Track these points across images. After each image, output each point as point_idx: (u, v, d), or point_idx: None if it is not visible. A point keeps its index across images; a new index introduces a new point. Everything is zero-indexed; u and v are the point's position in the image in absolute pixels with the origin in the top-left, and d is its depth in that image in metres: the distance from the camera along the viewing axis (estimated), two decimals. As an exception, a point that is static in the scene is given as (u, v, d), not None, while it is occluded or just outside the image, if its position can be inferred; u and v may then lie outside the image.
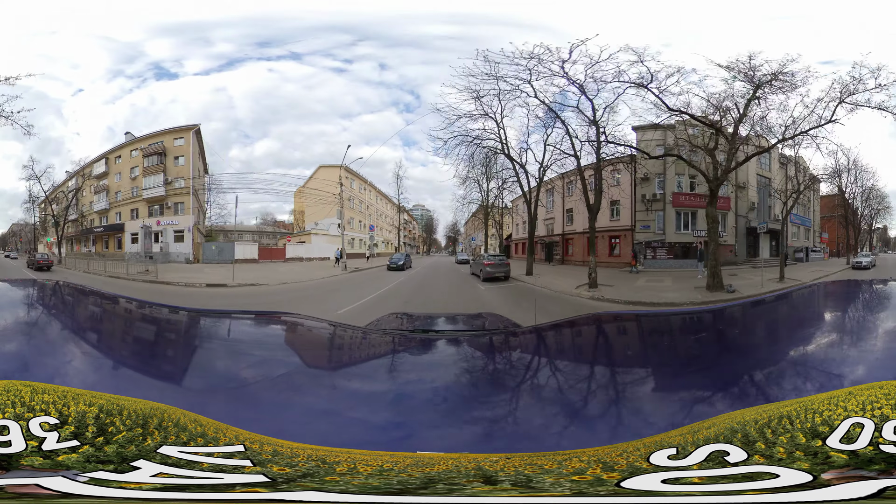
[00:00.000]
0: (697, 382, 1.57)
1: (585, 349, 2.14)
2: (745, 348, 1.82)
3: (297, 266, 24.68)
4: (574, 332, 2.37)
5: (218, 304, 12.75)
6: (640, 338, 2.23)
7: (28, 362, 1.46)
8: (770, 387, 1.43)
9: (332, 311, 10.72)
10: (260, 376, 1.72)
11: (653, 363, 1.80)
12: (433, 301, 14.97)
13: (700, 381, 1.57)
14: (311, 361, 2.02)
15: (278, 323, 2.47)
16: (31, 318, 2.01)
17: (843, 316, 2.24)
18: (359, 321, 2.76)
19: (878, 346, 1.62)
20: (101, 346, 1.78)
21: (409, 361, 2.01)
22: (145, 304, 2.32)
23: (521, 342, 2.32)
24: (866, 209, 24.15)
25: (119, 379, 1.50)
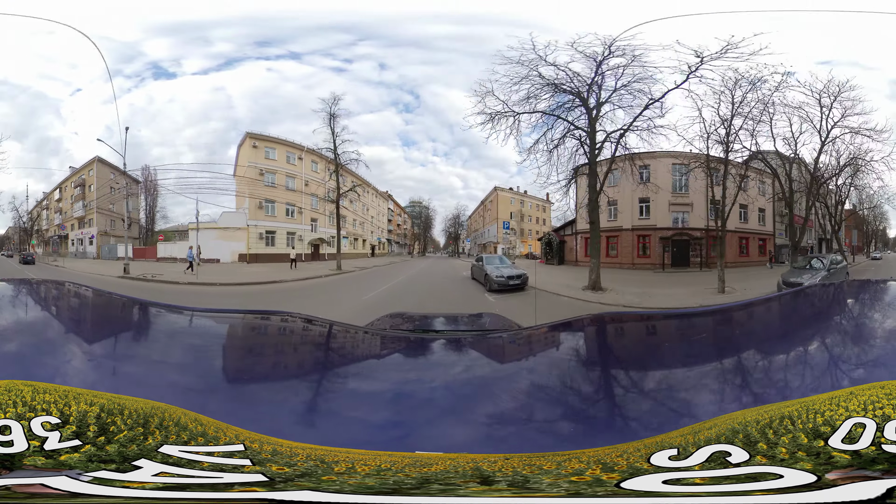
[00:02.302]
0: (698, 383, 1.57)
1: (586, 349, 2.14)
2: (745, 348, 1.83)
3: (153, 267, 21.98)
4: (575, 333, 2.37)
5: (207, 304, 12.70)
6: (640, 338, 2.23)
7: (28, 362, 1.46)
8: (771, 387, 1.43)
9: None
10: (259, 375, 1.72)
11: (653, 364, 1.80)
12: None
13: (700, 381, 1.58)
14: (310, 360, 2.02)
15: (278, 322, 2.47)
16: (31, 317, 2.01)
17: (843, 315, 2.24)
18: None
19: (879, 346, 1.62)
20: (101, 345, 1.78)
21: (408, 361, 2.01)
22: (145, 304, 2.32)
23: (521, 342, 2.32)
24: (866, 208, 24.39)
25: (119, 378, 1.50)
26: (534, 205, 29.11)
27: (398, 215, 33.44)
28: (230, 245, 24.71)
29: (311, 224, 26.61)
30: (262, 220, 24.65)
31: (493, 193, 28.35)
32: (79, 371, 1.48)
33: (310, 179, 25.86)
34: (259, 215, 24.55)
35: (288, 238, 25.29)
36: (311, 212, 26.43)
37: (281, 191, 25.28)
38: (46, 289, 2.64)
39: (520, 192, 27.93)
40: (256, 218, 24.58)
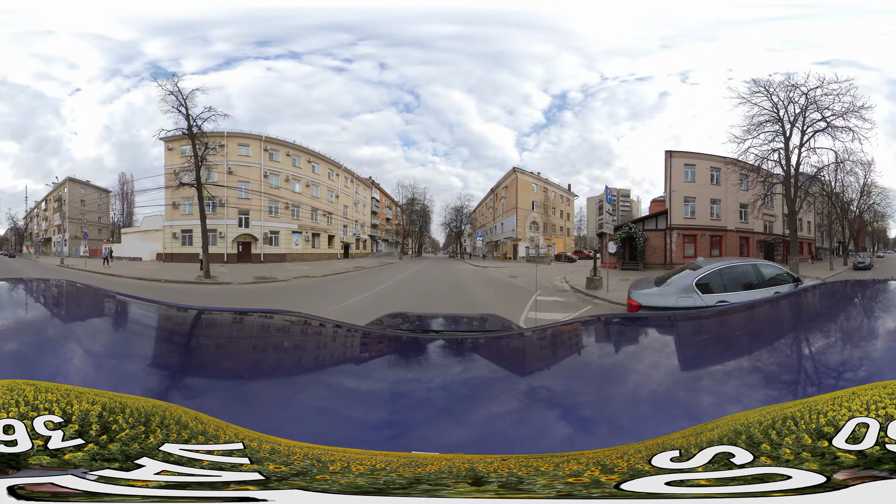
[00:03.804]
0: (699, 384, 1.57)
1: (587, 351, 2.14)
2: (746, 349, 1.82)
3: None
4: (575, 334, 2.37)
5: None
6: (642, 339, 2.23)
7: (29, 361, 1.46)
8: (773, 387, 1.43)
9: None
10: (258, 373, 1.72)
11: (655, 365, 1.80)
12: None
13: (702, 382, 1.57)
14: (309, 359, 2.02)
15: (278, 320, 2.47)
16: (31, 316, 2.02)
17: (844, 315, 2.24)
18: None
19: (880, 346, 1.62)
20: (102, 343, 1.78)
21: (407, 361, 2.01)
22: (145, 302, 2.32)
23: (521, 343, 2.32)
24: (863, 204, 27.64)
25: (120, 376, 1.50)
26: (557, 195, 25.71)
27: (387, 207, 28.27)
28: (150, 245, 25.34)
29: (238, 218, 23.57)
30: (178, 220, 23.80)
31: (510, 177, 23.79)
32: (79, 370, 1.48)
33: (234, 166, 22.82)
34: (175, 215, 23.85)
35: (209, 236, 22.80)
36: (241, 203, 23.05)
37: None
38: (46, 288, 2.64)
39: (541, 177, 23.28)
40: (172, 218, 24.11)
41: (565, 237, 24.11)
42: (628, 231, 21.54)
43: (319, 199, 24.80)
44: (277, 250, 23.06)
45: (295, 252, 22.48)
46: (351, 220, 26.86)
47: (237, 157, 23.83)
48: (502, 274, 17.22)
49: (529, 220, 21.88)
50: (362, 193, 26.71)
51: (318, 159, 23.37)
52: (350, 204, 26.33)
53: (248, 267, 22.65)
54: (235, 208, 23.84)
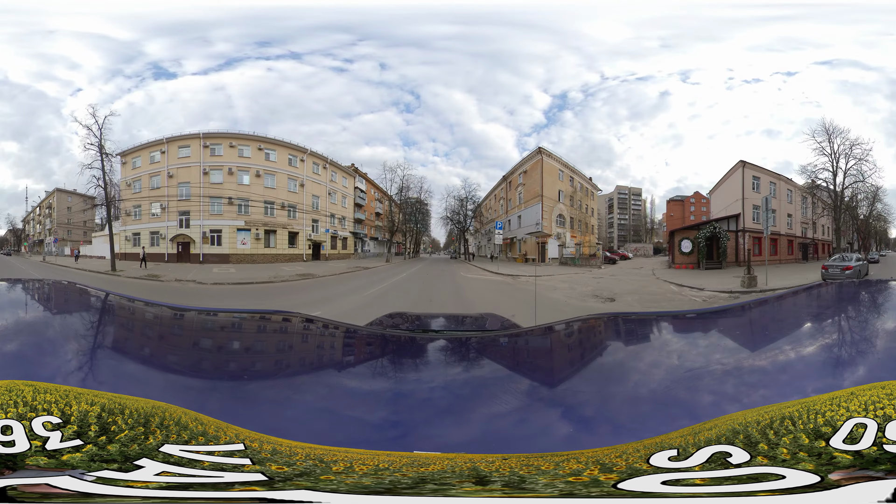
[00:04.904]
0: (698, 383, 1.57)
1: (587, 350, 2.14)
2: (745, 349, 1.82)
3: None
4: (575, 334, 2.37)
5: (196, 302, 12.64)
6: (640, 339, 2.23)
7: (29, 362, 1.46)
8: (771, 387, 1.43)
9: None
10: (259, 374, 1.72)
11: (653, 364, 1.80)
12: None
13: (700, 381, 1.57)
14: (309, 359, 2.02)
15: (277, 321, 2.48)
16: (30, 317, 2.01)
17: (843, 315, 2.24)
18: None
19: (879, 346, 1.62)
20: (101, 344, 1.78)
21: (407, 360, 2.01)
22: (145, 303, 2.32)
23: (521, 342, 2.32)
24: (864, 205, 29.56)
25: (119, 377, 1.50)
26: (583, 186, 20.75)
27: (377, 200, 23.15)
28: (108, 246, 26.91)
29: (178, 219, 24.74)
30: (130, 225, 26.70)
31: (534, 158, 17.72)
32: (79, 370, 1.48)
33: (174, 169, 23.49)
34: (128, 221, 26.84)
35: (152, 237, 25.48)
36: (181, 204, 24.19)
37: (145, 192, 25.72)
38: (47, 288, 2.64)
39: (569, 164, 17.31)
40: (125, 223, 26.92)
41: (590, 235, 20.39)
42: (713, 230, 21.90)
43: (276, 190, 22.17)
44: (220, 250, 21.91)
45: (242, 252, 20.75)
46: (324, 214, 23.43)
47: (177, 159, 24.08)
48: (571, 297, 8.95)
49: (556, 212, 17.55)
50: (341, 182, 22.54)
51: (272, 145, 20.14)
52: (322, 194, 22.62)
53: (182, 266, 22.66)
54: (176, 210, 24.47)
